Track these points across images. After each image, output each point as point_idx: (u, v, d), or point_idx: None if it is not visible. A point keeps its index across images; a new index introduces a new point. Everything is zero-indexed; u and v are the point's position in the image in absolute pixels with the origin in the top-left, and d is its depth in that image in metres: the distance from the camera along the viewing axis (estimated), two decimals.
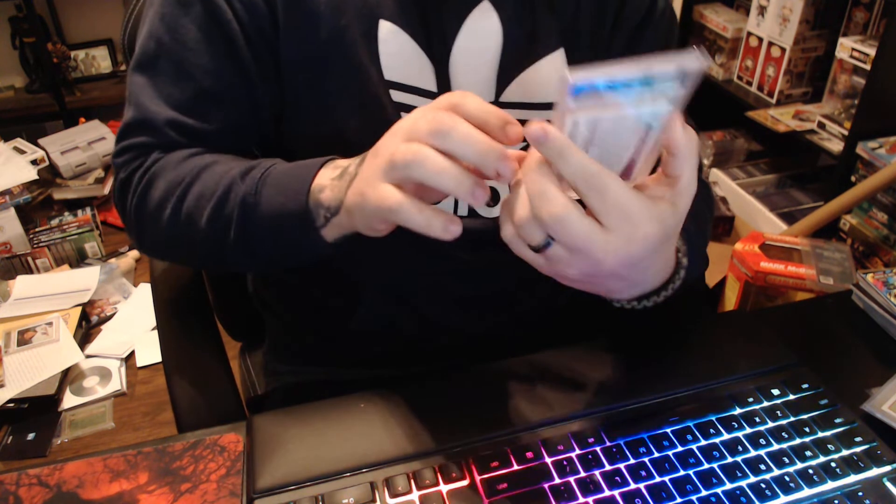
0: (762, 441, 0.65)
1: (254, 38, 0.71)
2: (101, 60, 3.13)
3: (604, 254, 0.52)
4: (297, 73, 0.73)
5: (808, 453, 0.64)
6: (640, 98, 0.49)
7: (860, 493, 0.61)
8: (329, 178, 0.62)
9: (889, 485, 0.62)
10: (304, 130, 0.76)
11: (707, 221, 0.82)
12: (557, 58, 0.77)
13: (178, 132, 0.71)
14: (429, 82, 0.74)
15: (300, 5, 0.70)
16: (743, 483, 0.61)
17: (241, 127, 0.74)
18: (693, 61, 0.48)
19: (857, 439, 0.65)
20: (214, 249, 0.69)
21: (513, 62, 0.75)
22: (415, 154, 0.52)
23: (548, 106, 0.78)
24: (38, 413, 1.84)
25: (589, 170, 0.50)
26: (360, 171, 0.59)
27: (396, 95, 0.73)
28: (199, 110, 0.72)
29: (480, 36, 0.74)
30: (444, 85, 0.74)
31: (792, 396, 0.70)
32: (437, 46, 0.73)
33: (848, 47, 1.98)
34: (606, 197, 0.50)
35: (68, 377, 1.95)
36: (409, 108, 0.74)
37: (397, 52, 0.72)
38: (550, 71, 0.77)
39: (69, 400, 1.89)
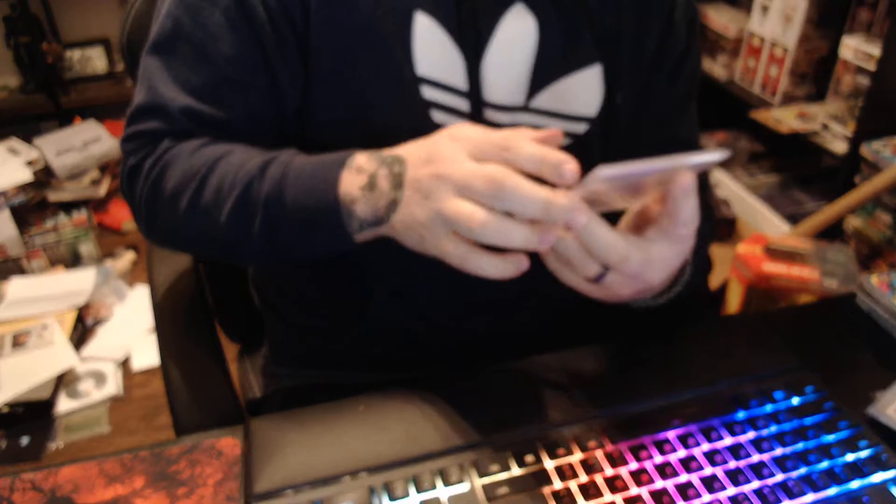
0: (765, 445, 0.65)
1: (281, 25, 0.69)
2: (96, 60, 3.12)
3: (653, 274, 0.60)
4: (327, 64, 0.71)
5: (813, 458, 0.64)
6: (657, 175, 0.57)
7: (865, 499, 0.61)
8: (358, 188, 0.61)
9: (894, 490, 0.61)
10: (331, 123, 0.74)
11: (708, 232, 0.86)
12: (595, 72, 0.77)
13: (191, 120, 0.70)
14: (460, 80, 0.73)
15: None
16: (746, 488, 0.61)
17: (259, 117, 0.73)
18: (715, 156, 0.55)
19: (862, 444, 0.65)
20: (233, 243, 0.68)
21: (547, 69, 0.75)
22: (481, 224, 0.54)
23: (579, 118, 0.78)
24: (32, 417, 1.84)
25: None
26: (403, 198, 0.59)
27: (427, 92, 0.72)
28: (217, 98, 0.70)
29: (515, 37, 0.73)
30: (475, 84, 0.73)
31: (796, 400, 0.69)
32: (472, 44, 0.72)
33: (852, 47, 1.98)
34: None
35: (63, 381, 1.94)
36: (439, 105, 0.73)
37: (431, 46, 0.71)
38: (586, 84, 0.77)
39: (64, 404, 1.89)
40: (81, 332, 2.10)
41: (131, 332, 2.11)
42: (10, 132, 2.73)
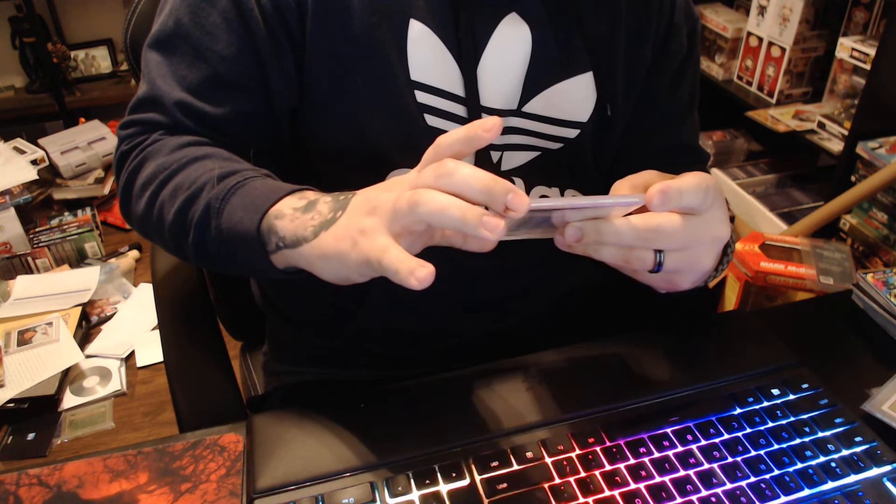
0: (762, 441, 0.65)
1: (276, 28, 0.70)
2: (101, 60, 3.13)
3: (705, 232, 0.60)
4: (322, 68, 0.72)
5: (809, 453, 0.64)
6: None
7: (860, 494, 0.61)
8: (291, 207, 0.60)
9: (889, 485, 0.62)
10: (326, 127, 0.75)
11: None
12: (587, 79, 0.78)
13: (185, 114, 0.71)
14: (455, 86, 0.74)
15: (332, 0, 0.70)
16: (743, 483, 0.61)
17: (252, 116, 0.74)
18: (633, 200, 0.57)
19: (857, 439, 0.66)
20: (177, 245, 0.68)
21: (541, 75, 0.76)
22: (419, 195, 0.52)
23: (570, 123, 0.78)
24: (38, 413, 1.85)
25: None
26: (344, 215, 0.57)
27: (422, 97, 0.73)
28: (210, 95, 0.71)
29: (510, 44, 0.74)
30: (470, 89, 0.74)
31: (792, 396, 0.70)
32: (467, 51, 0.73)
33: (848, 47, 1.98)
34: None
35: (68, 377, 1.95)
36: (433, 110, 0.74)
37: (426, 53, 0.72)
38: (578, 91, 0.78)
39: (69, 400, 1.89)
40: (86, 329, 2.10)
41: (135, 330, 2.11)
42: (15, 131, 2.74)
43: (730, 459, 0.63)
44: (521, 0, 0.74)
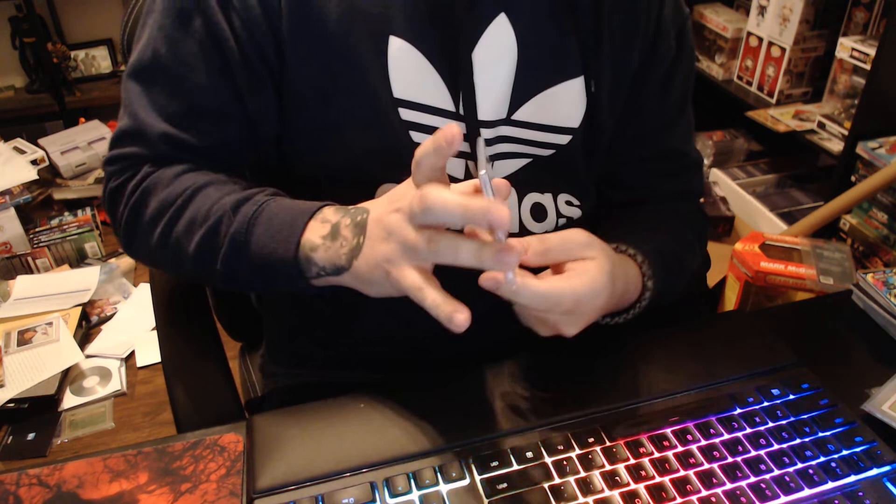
0: (762, 441, 0.65)
1: (251, 57, 0.70)
2: (101, 60, 3.13)
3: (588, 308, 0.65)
4: (303, 93, 0.72)
5: (809, 453, 0.64)
6: None
7: (860, 493, 0.61)
8: (319, 236, 0.63)
9: (889, 485, 0.62)
10: (311, 147, 0.75)
11: (687, 245, 0.86)
12: (577, 84, 0.77)
13: (170, 146, 0.71)
14: (441, 100, 0.73)
15: (308, 24, 0.70)
16: (743, 483, 0.61)
17: (234, 144, 0.74)
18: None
19: (857, 439, 0.66)
20: (201, 274, 0.71)
21: (529, 82, 0.75)
22: (435, 242, 0.57)
23: (561, 129, 0.78)
24: (38, 413, 1.85)
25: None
26: (365, 241, 0.61)
27: (406, 114, 0.73)
28: (192, 125, 0.72)
29: (496, 53, 0.73)
30: (457, 102, 0.73)
31: (792, 396, 0.70)
32: (451, 63, 0.72)
33: (848, 47, 1.98)
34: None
35: (68, 377, 1.95)
36: (418, 127, 0.73)
37: (408, 69, 0.71)
38: (568, 96, 0.77)
39: (69, 400, 1.89)
40: (86, 329, 2.10)
41: (135, 330, 2.11)
42: (15, 131, 2.74)
43: (730, 459, 0.63)
44: (511, 1, 0.73)
